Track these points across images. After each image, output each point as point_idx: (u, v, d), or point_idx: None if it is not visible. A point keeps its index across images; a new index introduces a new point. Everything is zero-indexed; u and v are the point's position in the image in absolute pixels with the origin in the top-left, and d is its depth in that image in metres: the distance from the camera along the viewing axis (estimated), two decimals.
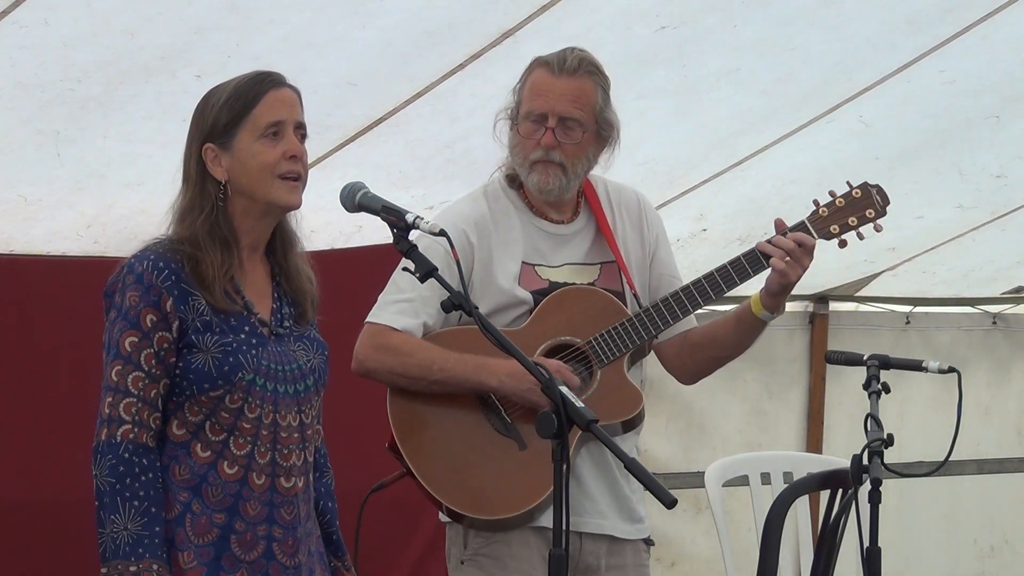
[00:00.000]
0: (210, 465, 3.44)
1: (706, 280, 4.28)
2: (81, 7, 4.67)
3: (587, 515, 4.26)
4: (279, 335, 3.53)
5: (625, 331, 4.24)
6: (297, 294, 3.60)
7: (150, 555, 3.35)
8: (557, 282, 4.29)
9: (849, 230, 4.36)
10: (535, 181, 4.25)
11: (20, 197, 5.43)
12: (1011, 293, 8.42)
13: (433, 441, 4.18)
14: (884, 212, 4.38)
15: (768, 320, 4.31)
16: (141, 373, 3.40)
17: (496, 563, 4.21)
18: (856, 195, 4.37)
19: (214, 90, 3.52)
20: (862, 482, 4.47)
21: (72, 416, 4.91)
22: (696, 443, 7.60)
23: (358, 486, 6.19)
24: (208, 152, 3.48)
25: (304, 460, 3.53)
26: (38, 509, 5.59)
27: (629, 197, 4.46)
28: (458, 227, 4.23)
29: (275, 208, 3.51)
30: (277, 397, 3.47)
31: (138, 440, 3.39)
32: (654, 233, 4.46)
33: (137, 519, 3.36)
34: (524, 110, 4.26)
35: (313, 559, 3.58)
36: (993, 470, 8.45)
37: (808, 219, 4.33)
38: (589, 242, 4.37)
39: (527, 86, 4.29)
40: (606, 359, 4.24)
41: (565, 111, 4.22)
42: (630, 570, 4.35)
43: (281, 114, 3.48)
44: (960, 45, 6.00)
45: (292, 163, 3.48)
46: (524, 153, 4.26)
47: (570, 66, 4.23)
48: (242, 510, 3.45)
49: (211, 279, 3.43)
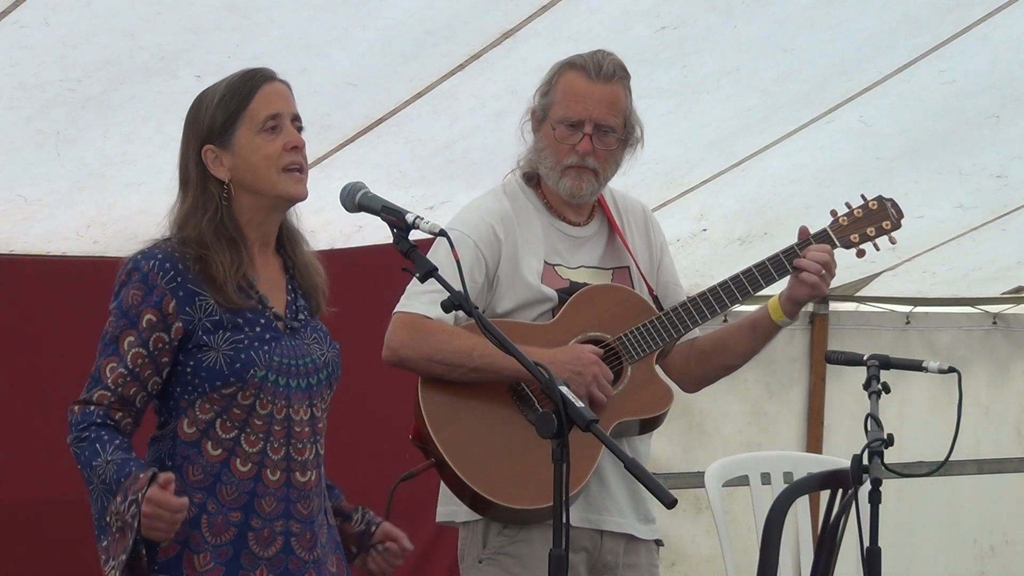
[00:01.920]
0: (223, 463, 3.43)
1: (732, 282, 4.31)
2: (81, 7, 4.67)
3: (608, 514, 4.27)
4: (294, 328, 3.53)
5: (655, 328, 4.27)
6: (310, 288, 3.61)
7: (136, 468, 3.32)
8: (577, 282, 4.30)
9: (867, 240, 4.42)
10: (567, 186, 4.26)
11: (20, 197, 5.44)
12: (1011, 293, 8.41)
13: (466, 430, 4.15)
14: (899, 225, 4.46)
15: (786, 326, 4.36)
16: (124, 370, 3.40)
17: (516, 562, 4.19)
18: (872, 207, 4.44)
19: (205, 92, 3.52)
20: (862, 482, 4.47)
21: None
22: (696, 443, 7.61)
23: (362, 480, 6.21)
24: (208, 153, 3.48)
25: (316, 453, 3.53)
26: (38, 509, 5.59)
27: (635, 205, 4.49)
28: (485, 222, 4.24)
29: (282, 201, 3.51)
30: (290, 392, 3.47)
31: (104, 425, 3.37)
32: (659, 242, 4.49)
33: (117, 453, 3.34)
34: (559, 114, 4.24)
35: (327, 550, 3.57)
36: (993, 470, 8.45)
37: (830, 227, 4.38)
38: (603, 246, 4.38)
39: (561, 89, 4.26)
40: (636, 355, 4.25)
41: (602, 118, 4.23)
42: (643, 570, 4.36)
43: (278, 107, 3.48)
44: (960, 45, 6.01)
45: (294, 154, 3.48)
46: (557, 157, 4.25)
47: (607, 72, 4.23)
48: (258, 507, 3.44)
49: (222, 279, 3.42)
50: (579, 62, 4.25)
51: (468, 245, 4.16)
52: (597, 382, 4.15)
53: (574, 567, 4.25)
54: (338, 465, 6.15)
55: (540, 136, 4.28)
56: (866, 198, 4.43)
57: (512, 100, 5.69)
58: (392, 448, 6.11)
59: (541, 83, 4.31)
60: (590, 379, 4.14)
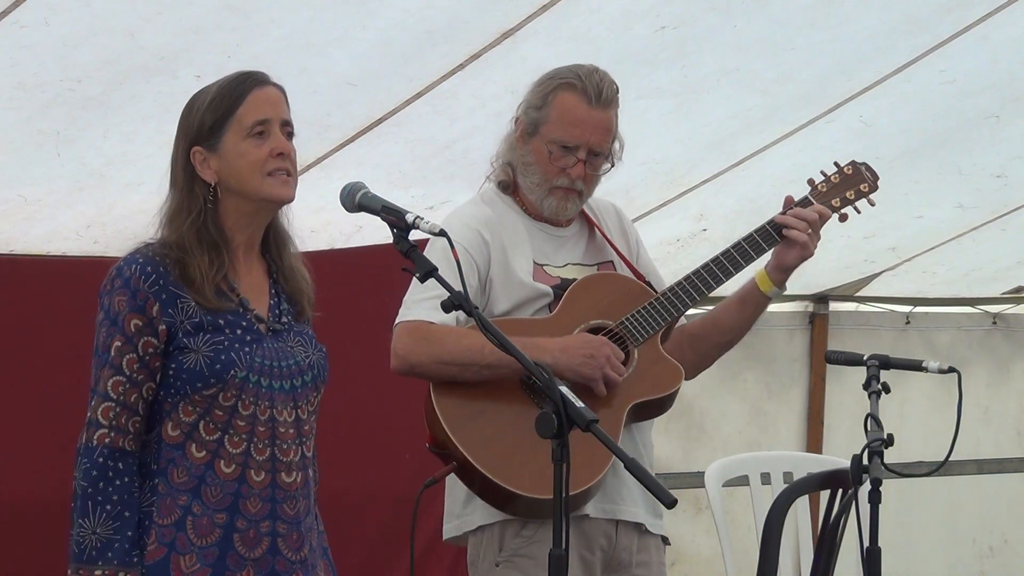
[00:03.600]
0: (207, 465, 3.44)
1: (723, 256, 4.34)
2: (81, 7, 4.67)
3: (623, 503, 4.29)
4: (277, 331, 3.54)
5: (655, 309, 4.29)
6: (294, 293, 3.61)
7: (118, 561, 3.36)
8: (567, 278, 4.31)
9: (848, 204, 4.47)
10: (551, 205, 4.29)
11: (20, 197, 5.44)
12: (1011, 293, 8.42)
13: (484, 429, 4.14)
14: (876, 187, 4.50)
15: (775, 297, 4.38)
16: (122, 377, 3.41)
17: (534, 563, 4.17)
18: (848, 171, 4.49)
19: (199, 93, 3.53)
20: (862, 482, 4.47)
21: (72, 416, 4.90)
22: (696, 443, 7.61)
23: (363, 481, 6.21)
24: (196, 155, 3.49)
25: (302, 455, 3.53)
26: (38, 509, 5.58)
27: (606, 205, 4.53)
28: (471, 227, 4.25)
29: (268, 204, 3.51)
30: (273, 393, 3.48)
31: (114, 445, 3.40)
32: (635, 237, 4.53)
33: (107, 523, 3.37)
34: (555, 135, 4.24)
35: (316, 554, 3.58)
36: (993, 470, 8.45)
37: (811, 195, 4.43)
38: (584, 244, 4.41)
39: (557, 110, 4.25)
40: (641, 337, 4.27)
41: (597, 145, 4.26)
42: (654, 567, 4.38)
43: (266, 112, 3.48)
44: (960, 45, 6.00)
45: (280, 160, 3.48)
46: (545, 175, 4.27)
47: (606, 98, 4.24)
48: (243, 508, 3.45)
49: (199, 282, 3.43)
50: (578, 84, 4.24)
51: (458, 250, 4.15)
52: (611, 363, 4.16)
53: (591, 567, 4.26)
54: (339, 466, 6.17)
55: (528, 150, 4.29)
56: (839, 164, 4.49)
57: (512, 100, 5.67)
58: (393, 448, 6.13)
59: (532, 94, 4.31)
60: (603, 361, 4.15)
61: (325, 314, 3.71)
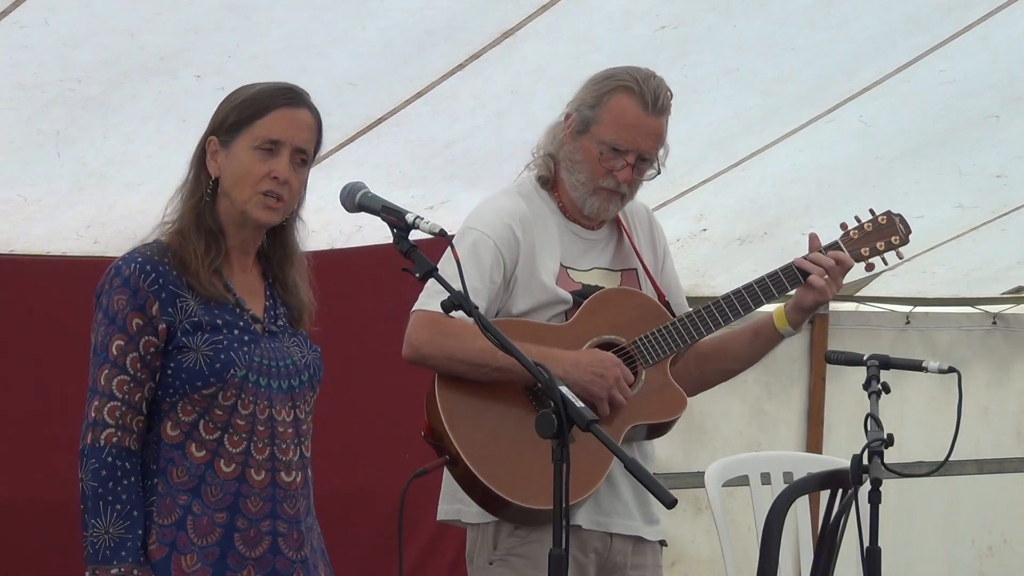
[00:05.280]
0: (207, 465, 3.44)
1: (746, 291, 4.33)
2: (81, 7, 4.67)
3: (618, 516, 4.29)
4: (272, 332, 3.54)
5: (670, 333, 4.29)
6: (295, 305, 3.61)
7: (132, 559, 3.37)
8: (589, 285, 4.30)
9: (877, 254, 4.45)
10: (593, 205, 4.27)
11: (20, 197, 5.43)
12: (1011, 293, 8.42)
13: (481, 428, 4.14)
14: (907, 240, 4.48)
15: (788, 336, 4.39)
16: (126, 376, 3.41)
17: (529, 563, 4.18)
18: (881, 221, 4.47)
19: (241, 88, 3.53)
20: (862, 482, 4.47)
21: (72, 416, 4.89)
22: (696, 443, 7.61)
23: (365, 478, 6.20)
24: (211, 144, 3.50)
25: (301, 455, 3.54)
26: (38, 509, 5.59)
27: (639, 209, 4.50)
28: (504, 222, 4.23)
29: (249, 220, 3.51)
30: (271, 392, 3.48)
31: (121, 444, 3.40)
32: (662, 245, 4.51)
33: (119, 523, 3.38)
34: (607, 136, 4.22)
35: (316, 554, 3.58)
36: (992, 470, 8.45)
37: (841, 240, 4.41)
38: (613, 249, 4.39)
39: (612, 112, 4.24)
40: (651, 360, 4.27)
41: (648, 151, 4.25)
42: (649, 570, 4.38)
43: (281, 134, 3.48)
44: (960, 45, 6.01)
45: (275, 184, 3.47)
46: (592, 175, 4.25)
47: (662, 105, 4.24)
48: (243, 507, 3.45)
49: (195, 266, 3.44)
50: (635, 88, 4.23)
51: (488, 245, 4.17)
52: (619, 385, 4.16)
53: (584, 569, 4.26)
54: (341, 464, 6.17)
55: (577, 147, 4.27)
56: (875, 212, 4.46)
57: (512, 100, 5.70)
58: (395, 446, 6.13)
59: (586, 92, 4.28)
60: (612, 381, 4.16)
61: (325, 313, 3.70)
